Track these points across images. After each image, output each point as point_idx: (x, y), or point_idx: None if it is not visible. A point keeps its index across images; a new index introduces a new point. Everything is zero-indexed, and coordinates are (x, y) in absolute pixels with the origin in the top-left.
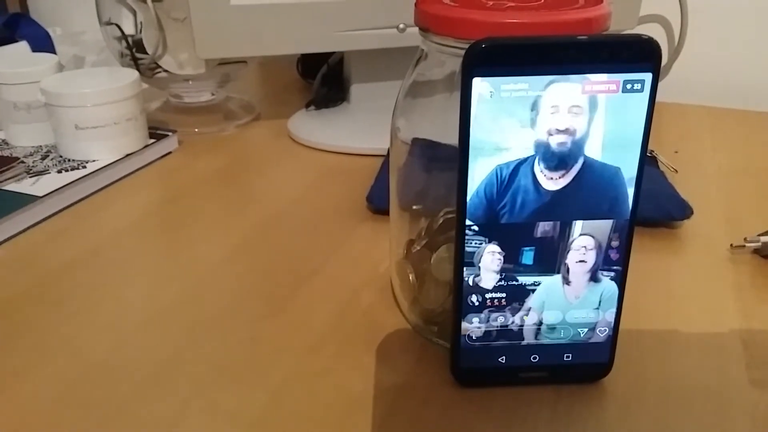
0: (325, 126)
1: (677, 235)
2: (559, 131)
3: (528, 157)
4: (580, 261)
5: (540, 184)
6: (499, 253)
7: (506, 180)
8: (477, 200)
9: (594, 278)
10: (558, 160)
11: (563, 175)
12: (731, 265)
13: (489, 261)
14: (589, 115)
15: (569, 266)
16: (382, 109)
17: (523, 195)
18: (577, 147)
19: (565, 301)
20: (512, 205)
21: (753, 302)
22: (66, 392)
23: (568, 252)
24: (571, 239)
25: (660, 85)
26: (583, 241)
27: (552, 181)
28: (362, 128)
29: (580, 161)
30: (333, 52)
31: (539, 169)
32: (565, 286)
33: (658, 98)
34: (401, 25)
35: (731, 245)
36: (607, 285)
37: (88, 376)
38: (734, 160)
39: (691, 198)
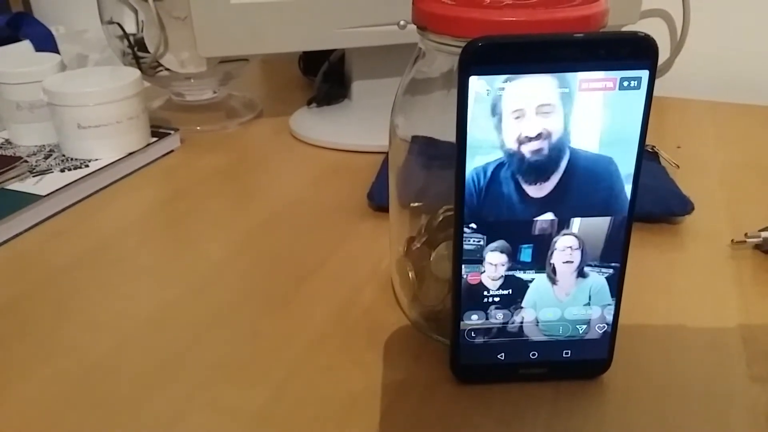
0: (327, 123)
1: (678, 230)
2: (530, 138)
3: (506, 161)
4: (567, 261)
5: (525, 192)
6: (502, 265)
7: (485, 189)
8: (473, 199)
9: (581, 274)
10: (536, 172)
11: (548, 179)
12: (732, 261)
13: (495, 258)
14: (564, 111)
15: (555, 266)
16: (384, 106)
17: (507, 203)
18: (557, 151)
19: (556, 299)
20: (497, 213)
21: (753, 298)
22: (69, 391)
23: (552, 252)
24: (554, 239)
25: (662, 79)
26: (568, 242)
27: (536, 187)
28: (364, 125)
29: (565, 158)
30: (334, 49)
31: (518, 174)
32: (553, 285)
33: (661, 93)
34: (401, 22)
35: (732, 240)
36: (595, 279)
37: (90, 374)
38: (736, 155)
39: (692, 193)
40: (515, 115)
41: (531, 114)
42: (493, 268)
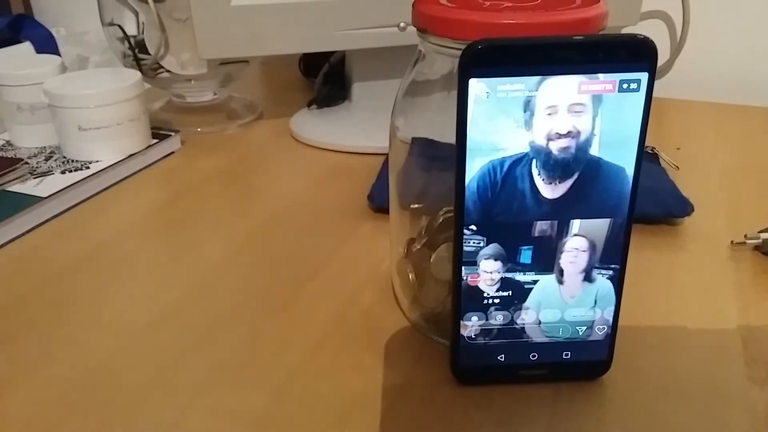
0: (327, 125)
1: (678, 232)
2: (560, 135)
3: (523, 157)
4: (572, 262)
5: (539, 191)
6: (497, 271)
7: (500, 183)
8: (474, 200)
9: (588, 278)
10: (561, 169)
11: (563, 180)
12: (732, 262)
13: (489, 266)
14: (593, 113)
15: (562, 267)
16: (384, 108)
17: (519, 201)
18: (582, 151)
19: (561, 301)
20: (508, 210)
21: (753, 299)
22: (69, 393)
23: (560, 253)
24: (563, 240)
25: (662, 80)
26: (576, 243)
27: (551, 187)
28: (364, 127)
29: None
30: (334, 51)
31: (537, 172)
32: (560, 285)
33: (661, 94)
34: (401, 24)
35: (732, 242)
36: (602, 284)
37: (91, 376)
38: (736, 157)
39: (692, 195)
40: (548, 111)
41: (563, 111)
42: (488, 275)
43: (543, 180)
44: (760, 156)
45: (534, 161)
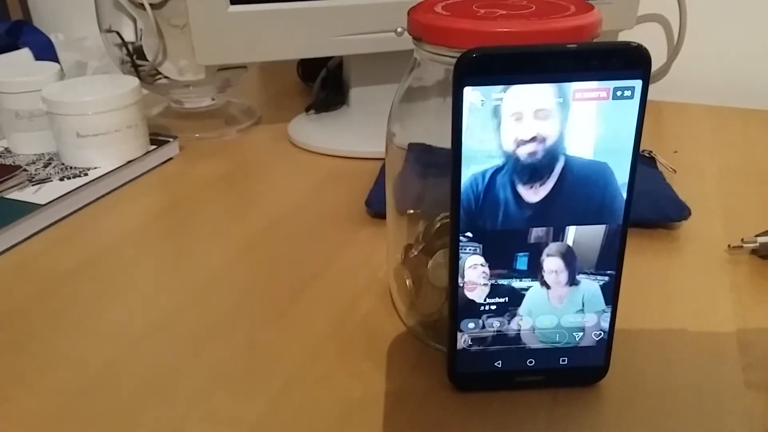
0: (325, 130)
1: (675, 236)
2: (525, 141)
3: (504, 165)
4: (555, 282)
5: (520, 196)
6: (482, 265)
7: (482, 194)
8: (468, 208)
9: (572, 283)
10: (530, 173)
11: (543, 183)
12: (729, 266)
13: (474, 275)
14: (561, 116)
15: (546, 279)
16: (382, 113)
17: (504, 208)
18: (551, 155)
19: (550, 306)
20: (494, 218)
21: (750, 303)
22: (67, 401)
23: (542, 270)
24: (541, 258)
25: (659, 84)
26: (553, 265)
27: (533, 191)
28: (362, 132)
29: (560, 163)
30: (332, 56)
31: (515, 178)
32: (547, 291)
33: (657, 97)
34: (399, 29)
35: (729, 246)
36: (588, 286)
37: (89, 384)
38: (733, 160)
39: (689, 198)
40: (514, 117)
41: (529, 117)
42: (482, 281)
43: (522, 184)
44: (757, 159)
45: (506, 167)
